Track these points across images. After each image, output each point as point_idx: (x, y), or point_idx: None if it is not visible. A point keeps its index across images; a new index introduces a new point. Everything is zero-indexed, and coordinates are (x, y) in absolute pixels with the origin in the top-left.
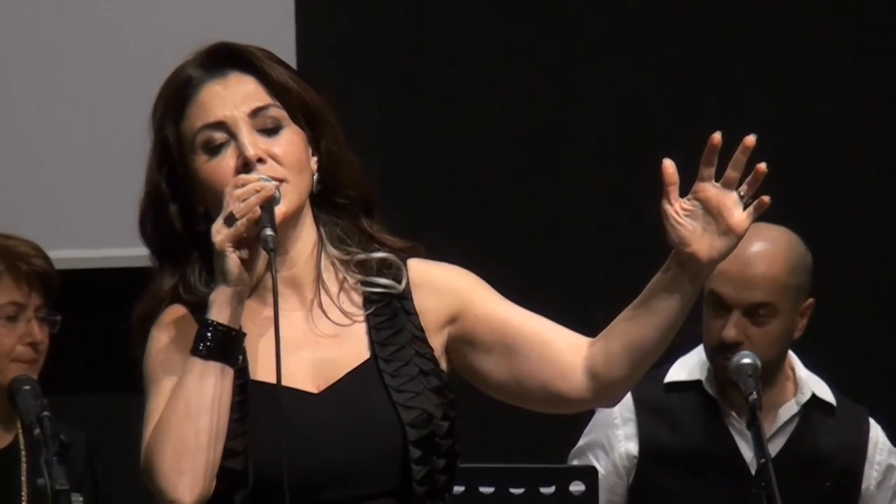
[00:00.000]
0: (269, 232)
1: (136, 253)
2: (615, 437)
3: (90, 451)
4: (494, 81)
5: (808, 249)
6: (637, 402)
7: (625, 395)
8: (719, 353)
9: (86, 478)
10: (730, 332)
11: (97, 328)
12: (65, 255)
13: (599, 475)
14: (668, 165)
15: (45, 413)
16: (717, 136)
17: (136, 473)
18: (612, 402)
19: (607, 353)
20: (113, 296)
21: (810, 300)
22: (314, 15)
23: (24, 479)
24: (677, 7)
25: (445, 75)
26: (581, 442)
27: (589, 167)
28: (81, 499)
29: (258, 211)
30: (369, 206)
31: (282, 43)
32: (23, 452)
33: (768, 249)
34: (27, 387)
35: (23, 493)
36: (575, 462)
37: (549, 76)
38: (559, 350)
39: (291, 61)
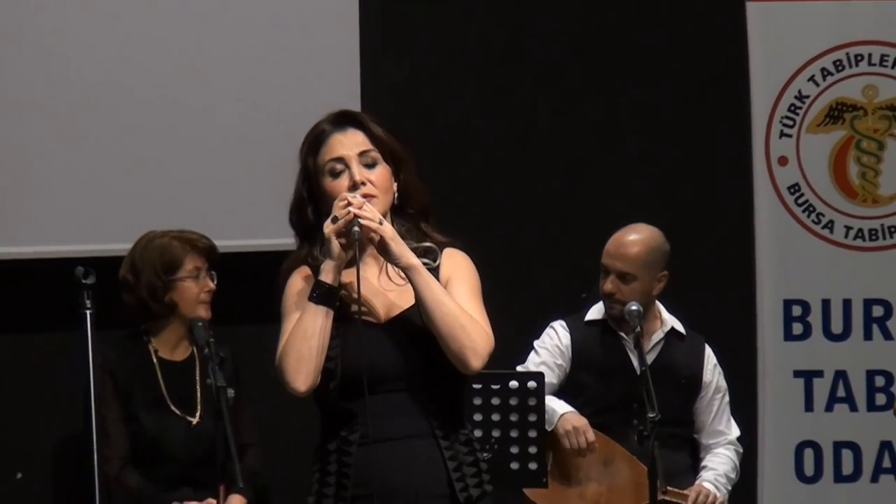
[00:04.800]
0: (356, 228)
1: (261, 242)
2: (563, 345)
3: (236, 361)
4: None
5: (668, 242)
6: (570, 332)
7: (474, 360)
8: (606, 299)
9: (233, 379)
10: (607, 286)
11: (240, 287)
12: (220, 242)
13: (551, 361)
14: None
15: (211, 339)
16: None
17: (263, 374)
18: (467, 367)
19: None
20: (247, 268)
21: (665, 272)
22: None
23: (197, 378)
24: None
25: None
26: (537, 344)
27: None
28: (233, 391)
29: (352, 215)
30: (427, 215)
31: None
32: (196, 362)
33: (636, 239)
34: (200, 323)
35: (197, 388)
36: (532, 353)
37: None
38: None
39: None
